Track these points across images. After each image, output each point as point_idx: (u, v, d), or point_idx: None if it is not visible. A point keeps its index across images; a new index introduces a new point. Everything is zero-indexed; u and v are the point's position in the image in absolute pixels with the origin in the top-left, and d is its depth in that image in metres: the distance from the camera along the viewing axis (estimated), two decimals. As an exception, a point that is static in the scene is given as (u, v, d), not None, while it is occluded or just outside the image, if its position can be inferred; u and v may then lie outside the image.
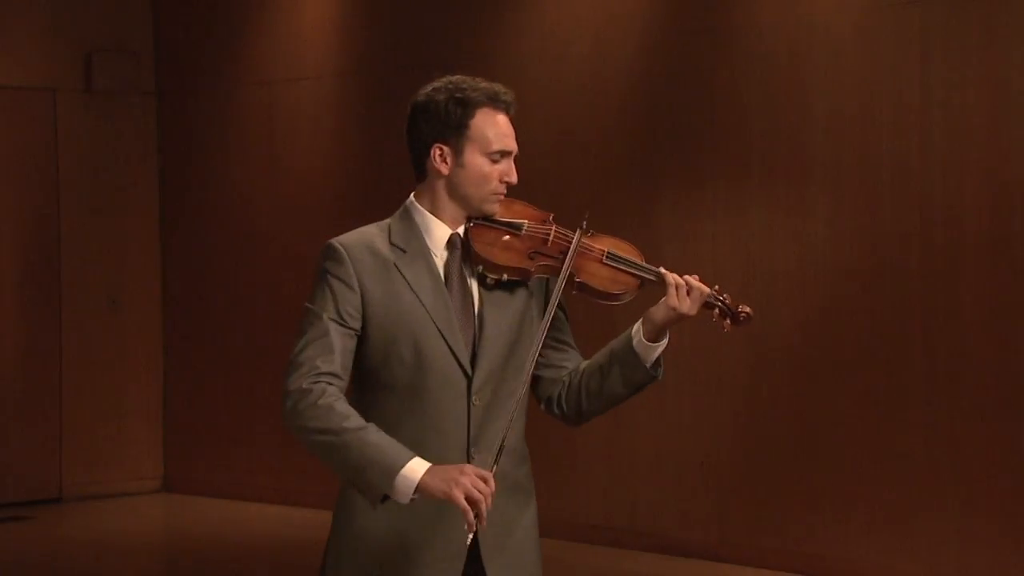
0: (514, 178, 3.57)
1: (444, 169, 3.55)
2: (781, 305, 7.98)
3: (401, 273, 3.52)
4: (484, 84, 3.58)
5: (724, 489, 8.24)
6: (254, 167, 10.44)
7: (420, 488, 3.30)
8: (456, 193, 3.56)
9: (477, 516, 3.27)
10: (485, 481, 3.28)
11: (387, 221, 3.60)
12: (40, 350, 10.50)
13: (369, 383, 3.53)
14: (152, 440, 10.90)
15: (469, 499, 3.26)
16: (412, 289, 3.51)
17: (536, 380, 3.64)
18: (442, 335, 3.49)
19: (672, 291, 3.50)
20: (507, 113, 3.57)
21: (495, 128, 3.55)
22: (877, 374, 7.66)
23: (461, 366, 3.50)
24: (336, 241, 3.54)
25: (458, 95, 3.54)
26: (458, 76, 3.60)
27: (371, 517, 3.48)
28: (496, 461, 3.38)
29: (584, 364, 3.65)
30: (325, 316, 3.46)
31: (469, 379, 3.50)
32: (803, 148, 7.91)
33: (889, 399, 7.62)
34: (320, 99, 10.07)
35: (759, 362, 8.08)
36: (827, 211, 7.83)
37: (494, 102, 3.55)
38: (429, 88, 3.59)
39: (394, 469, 3.32)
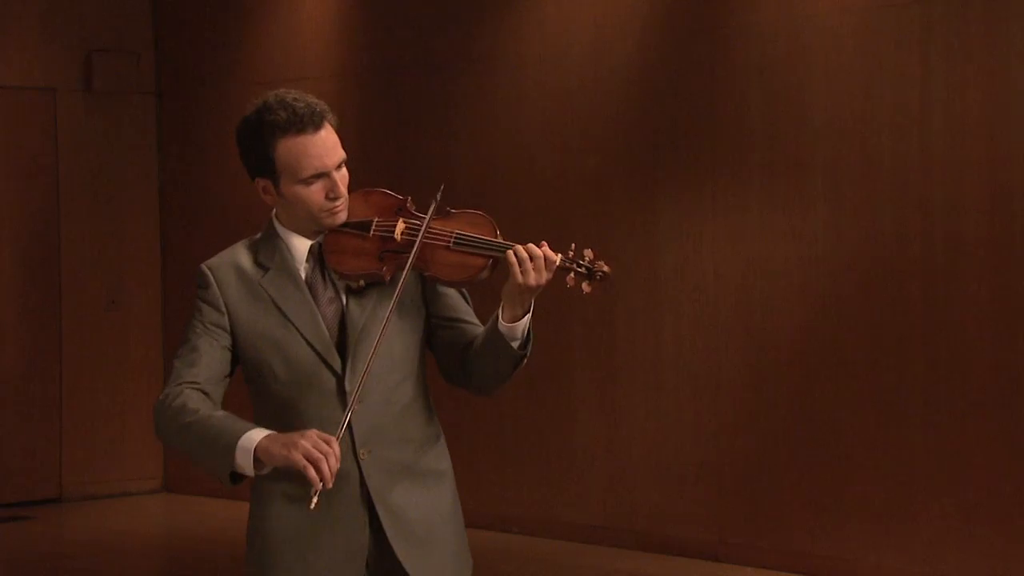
0: (340, 190, 3.52)
1: (271, 201, 3.57)
2: (781, 305, 7.98)
3: (266, 290, 3.54)
4: (280, 110, 3.50)
5: (724, 489, 8.24)
6: (254, 167, 10.42)
7: (259, 454, 3.32)
8: (293, 215, 3.56)
9: (321, 477, 3.25)
10: (328, 443, 3.28)
11: (254, 238, 3.63)
12: (40, 350, 10.50)
13: (255, 403, 3.59)
14: (152, 440, 10.87)
15: (309, 458, 3.26)
16: (276, 304, 3.53)
17: (439, 360, 3.62)
18: (309, 344, 3.50)
19: (514, 269, 3.41)
20: (313, 130, 3.51)
21: (299, 155, 3.49)
22: (877, 374, 7.65)
23: (330, 368, 3.49)
24: (204, 265, 3.61)
25: (257, 128, 3.52)
26: (267, 98, 3.54)
27: (275, 519, 3.50)
28: (343, 426, 3.36)
29: (475, 340, 3.59)
30: (194, 331, 3.57)
31: (340, 379, 3.49)
32: (803, 148, 7.91)
33: (889, 399, 7.62)
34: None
35: (759, 362, 8.08)
36: (827, 211, 7.82)
37: (290, 128, 3.50)
38: (243, 116, 3.57)
39: (233, 441, 3.36)
